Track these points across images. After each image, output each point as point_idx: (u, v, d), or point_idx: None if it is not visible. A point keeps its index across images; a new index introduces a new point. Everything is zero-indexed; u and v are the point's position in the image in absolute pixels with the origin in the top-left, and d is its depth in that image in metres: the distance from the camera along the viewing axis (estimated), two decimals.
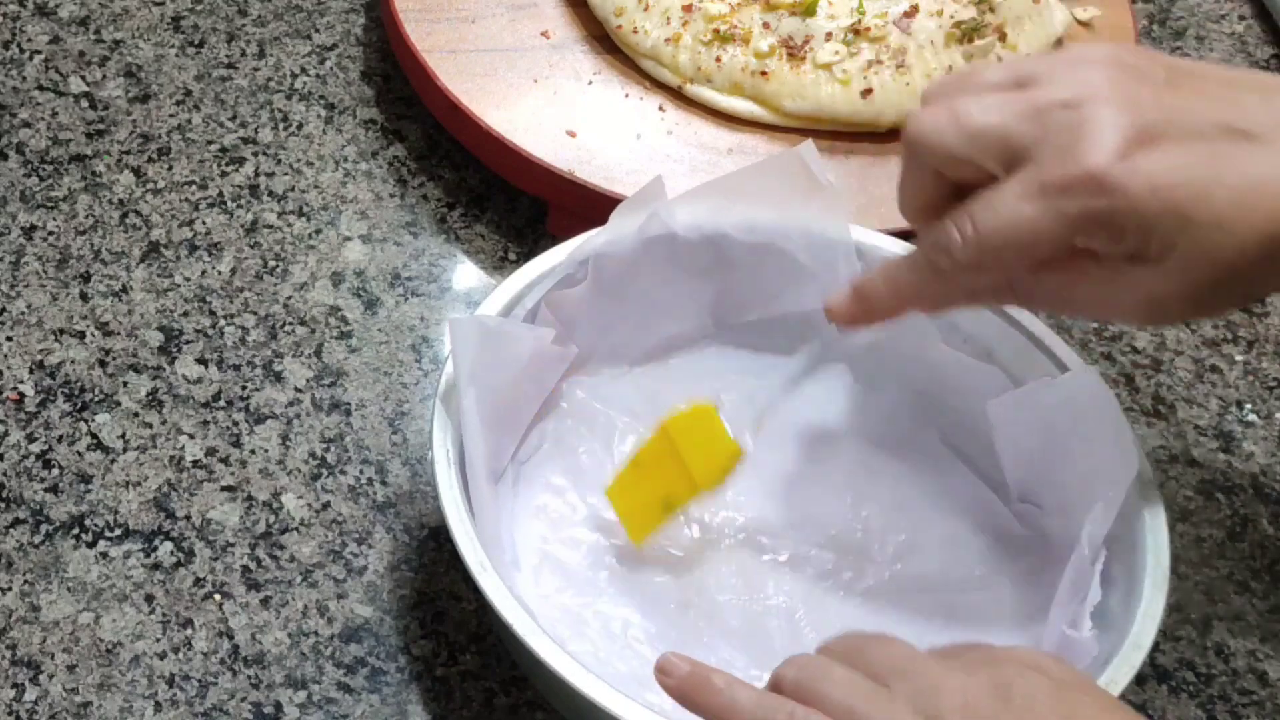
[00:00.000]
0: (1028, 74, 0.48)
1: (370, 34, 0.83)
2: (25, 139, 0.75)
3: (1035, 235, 0.46)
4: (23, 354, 0.67)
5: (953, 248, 0.48)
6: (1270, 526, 0.67)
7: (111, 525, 0.61)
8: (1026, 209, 0.46)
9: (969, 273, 0.49)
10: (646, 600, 0.59)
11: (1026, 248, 0.47)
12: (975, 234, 0.47)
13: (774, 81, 0.73)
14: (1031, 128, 0.46)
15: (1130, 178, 0.44)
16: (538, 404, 0.61)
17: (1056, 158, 0.45)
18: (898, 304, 0.52)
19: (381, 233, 0.73)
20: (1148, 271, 0.46)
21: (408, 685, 0.58)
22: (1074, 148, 0.45)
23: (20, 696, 0.56)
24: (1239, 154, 0.45)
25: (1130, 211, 0.45)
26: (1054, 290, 0.49)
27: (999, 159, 0.47)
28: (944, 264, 0.49)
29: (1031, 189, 0.46)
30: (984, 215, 0.47)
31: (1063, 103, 0.46)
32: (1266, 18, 0.93)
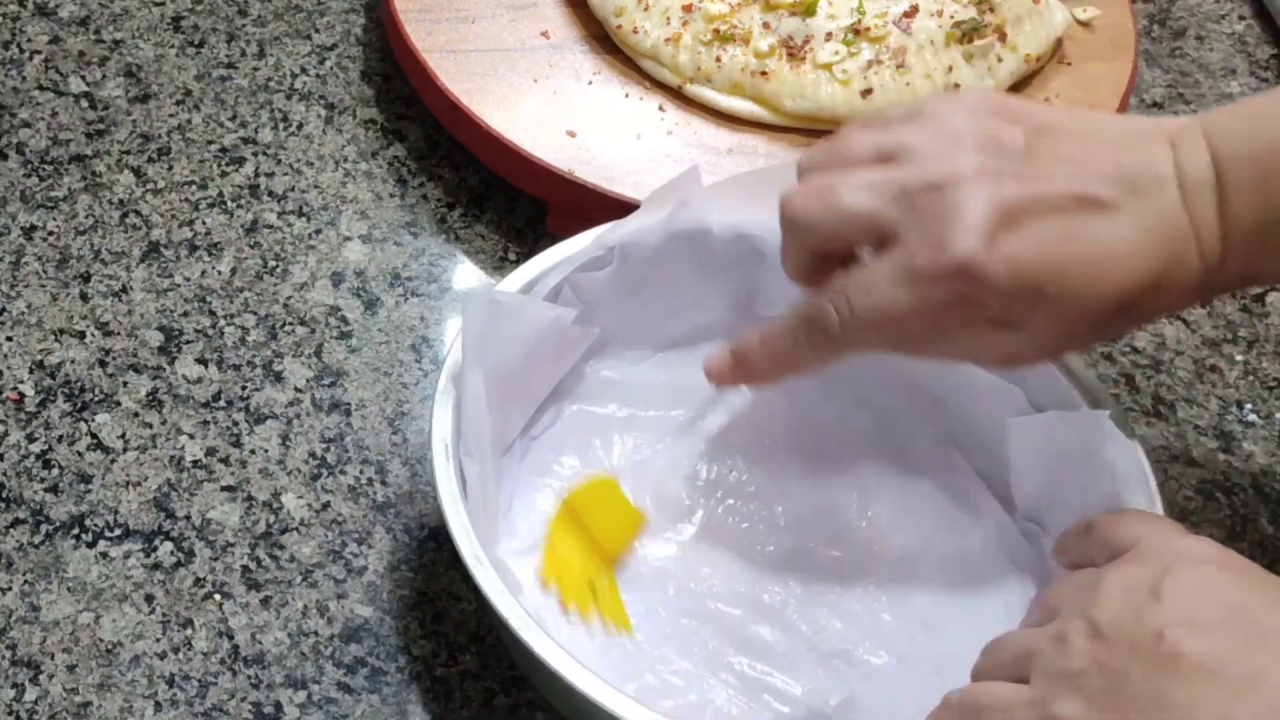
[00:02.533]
0: (894, 147, 0.50)
1: (370, 34, 0.83)
2: (25, 139, 0.75)
3: (906, 315, 0.49)
4: (23, 354, 0.67)
5: (829, 325, 0.51)
6: (1270, 526, 0.67)
7: (111, 525, 0.61)
8: (899, 293, 0.49)
9: (841, 347, 0.52)
10: (642, 584, 0.59)
11: (898, 326, 0.50)
12: (851, 315, 0.50)
13: (774, 81, 0.73)
14: (899, 211, 0.49)
15: (994, 264, 0.47)
16: (554, 381, 0.62)
17: (925, 244, 0.48)
18: (774, 371, 0.55)
19: (381, 233, 0.73)
20: (1007, 334, 0.50)
21: (408, 685, 0.58)
22: (941, 235, 0.48)
23: (20, 696, 0.56)
24: (1090, 225, 0.48)
25: (995, 293, 0.48)
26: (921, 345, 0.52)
27: (869, 239, 0.50)
28: (820, 341, 0.52)
29: (903, 273, 0.49)
30: (859, 297, 0.50)
31: (927, 185, 0.49)
32: (1266, 18, 0.93)
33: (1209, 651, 0.42)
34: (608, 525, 0.60)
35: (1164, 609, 0.43)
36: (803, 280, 0.54)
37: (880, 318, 0.50)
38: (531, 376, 0.60)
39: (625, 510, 0.60)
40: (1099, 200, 0.48)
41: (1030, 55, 0.76)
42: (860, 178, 0.50)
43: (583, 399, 0.63)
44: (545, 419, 0.62)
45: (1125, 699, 0.42)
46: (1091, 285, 0.48)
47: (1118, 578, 0.45)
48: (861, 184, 0.50)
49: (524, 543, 0.59)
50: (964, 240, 0.47)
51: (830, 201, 0.51)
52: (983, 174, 0.48)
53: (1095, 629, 0.44)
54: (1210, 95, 0.87)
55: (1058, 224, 0.48)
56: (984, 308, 0.48)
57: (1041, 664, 0.45)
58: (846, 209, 0.50)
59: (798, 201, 0.52)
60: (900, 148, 0.50)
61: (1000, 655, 0.48)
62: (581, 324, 0.61)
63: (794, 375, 0.56)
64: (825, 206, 0.51)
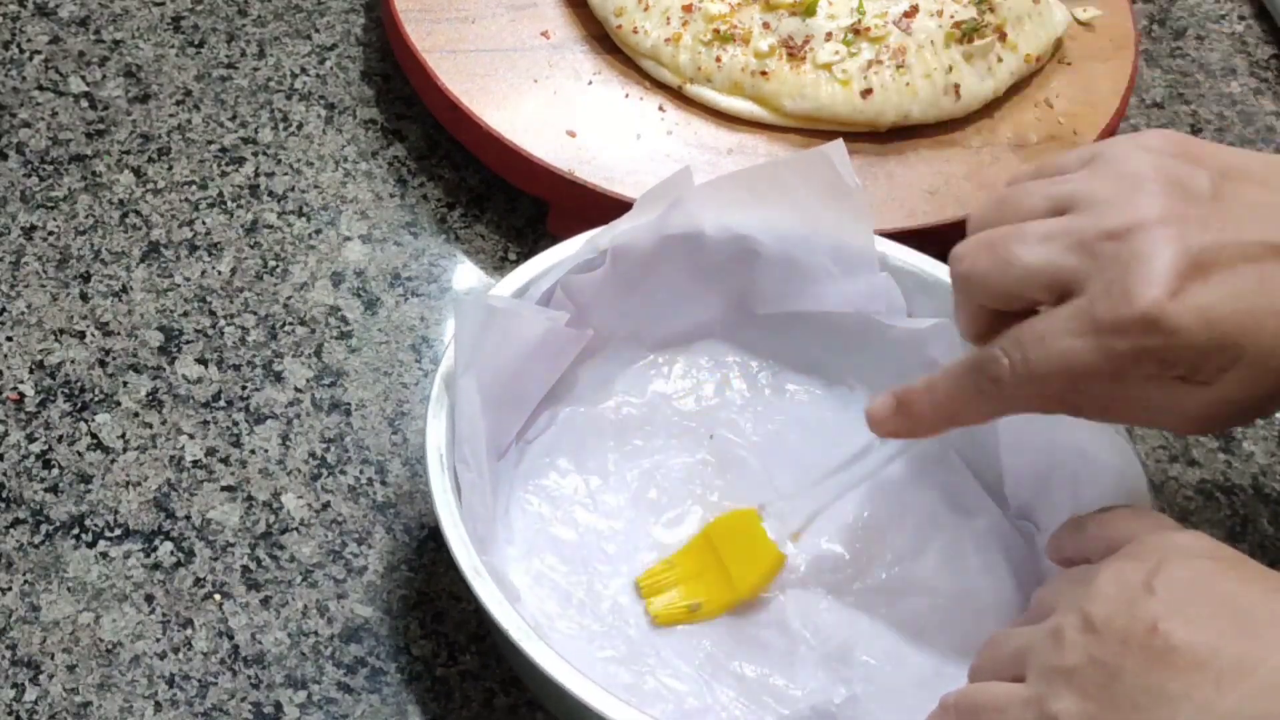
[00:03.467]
0: (1070, 196, 0.48)
1: (370, 34, 0.83)
2: (25, 139, 0.75)
3: (1085, 369, 0.46)
4: (23, 354, 0.67)
5: (1002, 376, 0.48)
6: (1270, 526, 0.67)
7: (111, 525, 0.61)
8: (1078, 345, 0.46)
9: (1014, 400, 0.49)
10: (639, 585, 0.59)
11: (1075, 380, 0.47)
12: (1026, 366, 0.47)
13: (774, 81, 0.73)
14: (1080, 261, 0.46)
15: (1183, 315, 0.44)
16: (548, 385, 0.62)
17: (1107, 294, 0.45)
18: (937, 420, 0.52)
19: (381, 233, 0.73)
20: (1197, 392, 0.46)
21: (408, 685, 0.58)
22: (1125, 284, 0.45)
23: (20, 696, 0.56)
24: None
25: (1183, 347, 0.45)
26: (1099, 404, 0.49)
27: (1049, 293, 0.47)
28: (990, 391, 0.49)
29: (1083, 325, 0.46)
30: (1035, 348, 0.47)
31: (1109, 233, 0.46)
32: (1266, 18, 0.93)
33: (1201, 643, 0.42)
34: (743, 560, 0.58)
35: (1157, 602, 0.43)
36: (976, 340, 0.51)
37: (1056, 369, 0.47)
38: (525, 381, 0.60)
39: (763, 546, 0.58)
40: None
41: (1030, 55, 0.76)
42: (1035, 230, 0.47)
43: (577, 401, 0.63)
44: (540, 423, 0.62)
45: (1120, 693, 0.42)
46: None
47: (1111, 573, 0.45)
48: (1037, 235, 0.47)
49: (520, 548, 0.59)
50: (1150, 290, 0.44)
51: (1004, 256, 0.48)
52: (1168, 220, 0.45)
53: (1089, 624, 0.44)
54: (1210, 95, 0.87)
55: (1251, 274, 0.45)
56: (1171, 365, 0.45)
57: (1036, 661, 0.45)
58: (1022, 263, 0.47)
59: (969, 257, 0.49)
60: (1076, 196, 0.47)
61: (996, 654, 0.48)
62: (574, 327, 0.60)
63: (958, 426, 0.52)
64: (998, 261, 0.48)
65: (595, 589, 0.58)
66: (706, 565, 0.58)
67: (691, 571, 0.59)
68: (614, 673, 0.56)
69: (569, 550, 0.59)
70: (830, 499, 0.58)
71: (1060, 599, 0.47)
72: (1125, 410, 0.48)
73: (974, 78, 0.74)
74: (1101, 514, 0.51)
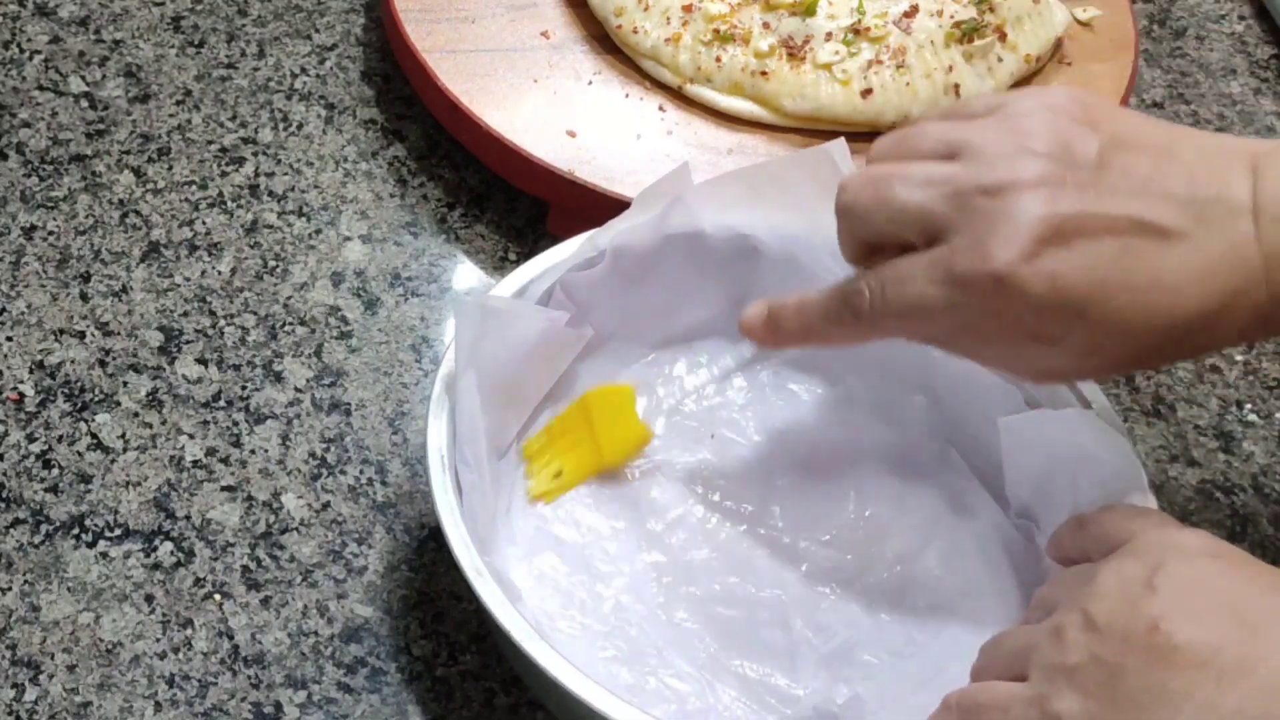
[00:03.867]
0: (962, 143, 0.49)
1: (370, 34, 0.83)
2: (25, 139, 0.75)
3: (935, 315, 0.49)
4: (23, 354, 0.67)
5: (859, 309, 0.51)
6: (1270, 526, 0.67)
7: (111, 525, 0.61)
8: (931, 291, 0.48)
9: (870, 331, 0.52)
10: (640, 585, 0.59)
11: (925, 322, 0.49)
12: (883, 303, 0.50)
13: (774, 81, 0.73)
14: (951, 210, 0.48)
15: (1031, 279, 0.46)
16: (548, 384, 0.62)
17: (967, 248, 0.47)
18: (801, 339, 0.55)
19: (381, 233, 0.73)
20: (1046, 349, 0.48)
21: (408, 685, 0.58)
22: (984, 241, 0.47)
23: (20, 696, 0.56)
24: (1147, 252, 0.46)
25: (1028, 307, 0.47)
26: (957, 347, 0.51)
27: (919, 234, 0.49)
28: (850, 321, 0.52)
29: (940, 273, 0.48)
30: (893, 287, 0.50)
31: (984, 188, 0.47)
32: (1266, 18, 0.93)
33: (1203, 641, 0.42)
34: (613, 430, 0.61)
35: (1158, 600, 0.43)
36: (855, 263, 0.53)
37: (909, 310, 0.49)
38: (526, 381, 0.60)
39: (632, 422, 0.61)
40: (1161, 228, 0.46)
41: (1030, 55, 0.76)
42: (919, 172, 0.49)
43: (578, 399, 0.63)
44: (541, 421, 0.62)
45: (1122, 691, 0.42)
46: (1138, 314, 0.47)
47: (1112, 571, 0.45)
48: (919, 179, 0.49)
49: (522, 548, 0.59)
50: (1006, 250, 0.46)
51: (884, 194, 0.50)
52: (1043, 183, 0.47)
53: (1090, 623, 0.44)
54: (1210, 95, 0.87)
55: (1112, 246, 0.46)
56: (1016, 324, 0.48)
57: (1038, 660, 0.45)
58: (898, 203, 0.49)
59: (852, 189, 0.51)
60: (968, 144, 0.49)
61: (998, 653, 0.48)
62: (574, 326, 0.60)
63: (820, 347, 0.56)
64: (878, 198, 0.50)
65: (596, 588, 0.58)
66: (580, 434, 0.61)
67: (566, 439, 0.61)
68: (615, 672, 0.56)
69: (570, 550, 0.59)
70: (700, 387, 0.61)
71: (1061, 598, 0.47)
72: (980, 356, 0.51)
73: (974, 78, 0.74)
74: (1102, 513, 0.51)
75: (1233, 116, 0.86)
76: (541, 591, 0.58)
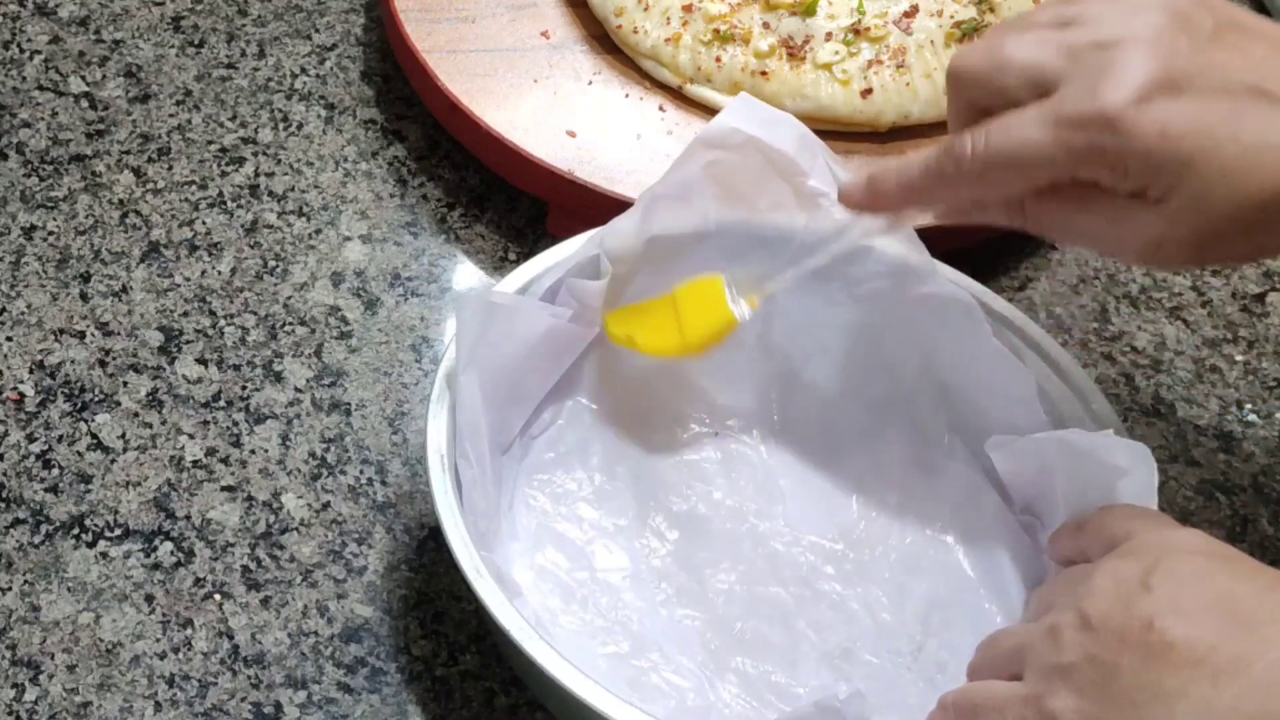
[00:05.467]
0: (1075, 15, 0.49)
1: (370, 34, 0.83)
2: (25, 139, 0.75)
3: (1039, 159, 0.48)
4: (23, 354, 0.67)
5: (961, 157, 0.50)
6: (1270, 526, 0.67)
7: (111, 525, 0.61)
8: (1036, 134, 0.47)
9: (973, 183, 0.50)
10: (641, 581, 0.59)
11: (1029, 169, 0.48)
12: (985, 148, 0.49)
13: (774, 81, 0.73)
14: (1062, 63, 0.48)
15: (1140, 121, 0.45)
16: (552, 380, 0.62)
17: (1076, 92, 0.47)
18: (904, 198, 0.53)
19: (381, 233, 0.73)
20: (1149, 212, 0.47)
21: (408, 685, 0.58)
22: (1095, 85, 0.46)
23: (20, 696, 0.56)
24: (1260, 113, 0.46)
25: (1135, 153, 0.46)
26: (1059, 218, 0.50)
27: (1029, 89, 0.48)
28: (950, 170, 0.50)
29: (1046, 117, 0.47)
30: (997, 133, 0.49)
31: (1098, 43, 0.47)
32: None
33: (1198, 639, 0.42)
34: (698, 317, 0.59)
35: (1153, 599, 0.43)
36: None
37: (1012, 155, 0.48)
38: (529, 377, 0.60)
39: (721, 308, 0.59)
40: (1276, 95, 0.46)
41: None
42: (1032, 33, 0.49)
43: (582, 396, 0.63)
44: (545, 417, 0.62)
45: (1117, 690, 0.42)
46: (1246, 171, 0.45)
47: (1108, 570, 0.45)
48: (1031, 40, 0.49)
49: (524, 543, 0.59)
50: (1116, 92, 0.46)
51: (995, 53, 0.50)
52: (1158, 40, 0.46)
53: (1086, 622, 0.44)
54: None
55: (1225, 104, 0.46)
56: (1122, 172, 0.46)
57: (1034, 659, 0.45)
58: (1008, 57, 0.49)
59: (965, 54, 0.51)
60: (1080, 15, 0.49)
61: (994, 652, 0.48)
62: (578, 323, 0.60)
63: (921, 205, 0.54)
64: (989, 57, 0.50)
65: (598, 584, 0.58)
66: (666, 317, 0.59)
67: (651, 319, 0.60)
68: (616, 669, 0.56)
69: (572, 546, 0.59)
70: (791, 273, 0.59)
71: (1058, 597, 0.47)
72: (1080, 227, 0.49)
73: None
74: (1100, 513, 0.51)
75: None
76: (543, 587, 0.58)
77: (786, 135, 0.60)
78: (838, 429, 0.64)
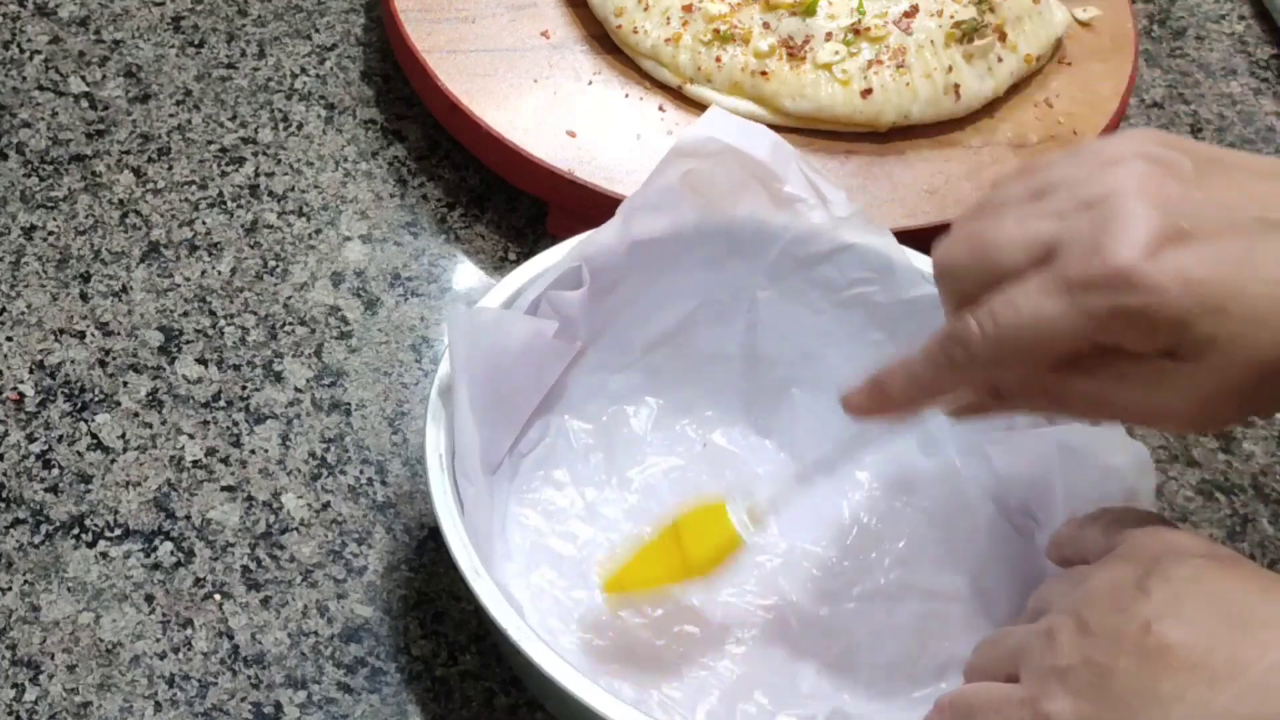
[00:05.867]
0: (1047, 183, 0.46)
1: (370, 34, 0.83)
2: (25, 139, 0.75)
3: (1056, 331, 0.44)
4: (23, 354, 0.67)
5: (971, 341, 0.46)
6: (1270, 526, 0.67)
7: (111, 525, 0.61)
8: (1048, 305, 0.44)
9: (988, 367, 0.47)
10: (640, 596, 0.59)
11: (1046, 344, 0.45)
12: (995, 328, 0.45)
13: (774, 81, 0.73)
14: (1055, 227, 0.45)
15: (1160, 274, 0.42)
16: (539, 396, 0.61)
17: (1081, 254, 0.43)
18: (913, 397, 0.50)
19: (381, 233, 0.73)
20: (1189, 369, 0.44)
21: (408, 685, 0.58)
22: (1100, 243, 0.43)
23: (20, 696, 0.56)
24: (1275, 246, 0.43)
25: (1162, 307, 0.43)
26: (1090, 394, 0.47)
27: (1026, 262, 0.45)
28: (960, 358, 0.47)
29: (1055, 285, 0.44)
30: (1004, 310, 0.45)
31: (1085, 202, 0.44)
32: (1266, 18, 0.93)
33: (1195, 642, 0.42)
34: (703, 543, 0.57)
35: (1150, 602, 0.43)
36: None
37: (1026, 332, 0.45)
38: (517, 393, 0.59)
39: (726, 531, 0.56)
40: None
41: (1030, 55, 0.76)
42: (1011, 213, 0.46)
43: (568, 411, 0.63)
44: (532, 434, 0.62)
45: (1113, 692, 0.42)
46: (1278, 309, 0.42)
47: (1105, 573, 0.45)
48: (1012, 218, 0.46)
49: (519, 563, 0.58)
50: (1124, 248, 0.42)
51: (979, 240, 0.46)
52: (1147, 189, 0.44)
53: (1083, 624, 0.44)
54: (1210, 95, 0.87)
55: (1236, 242, 0.43)
56: (1151, 330, 0.43)
57: (1030, 661, 0.45)
58: (992, 241, 0.46)
59: (944, 248, 0.48)
60: (1054, 181, 0.46)
61: (990, 654, 0.48)
62: (562, 336, 0.60)
63: (933, 403, 0.50)
64: (974, 247, 0.47)
65: (596, 604, 0.58)
66: (669, 550, 0.57)
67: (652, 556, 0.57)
68: (618, 687, 0.56)
69: (567, 565, 0.59)
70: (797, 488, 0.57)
71: (1056, 599, 0.47)
72: (1116, 399, 0.46)
73: (974, 78, 0.74)
74: (1098, 515, 0.51)
75: (1233, 116, 0.86)
76: (542, 606, 0.58)
77: (760, 144, 0.60)
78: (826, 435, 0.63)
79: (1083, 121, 0.76)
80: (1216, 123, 0.86)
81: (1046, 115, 0.77)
